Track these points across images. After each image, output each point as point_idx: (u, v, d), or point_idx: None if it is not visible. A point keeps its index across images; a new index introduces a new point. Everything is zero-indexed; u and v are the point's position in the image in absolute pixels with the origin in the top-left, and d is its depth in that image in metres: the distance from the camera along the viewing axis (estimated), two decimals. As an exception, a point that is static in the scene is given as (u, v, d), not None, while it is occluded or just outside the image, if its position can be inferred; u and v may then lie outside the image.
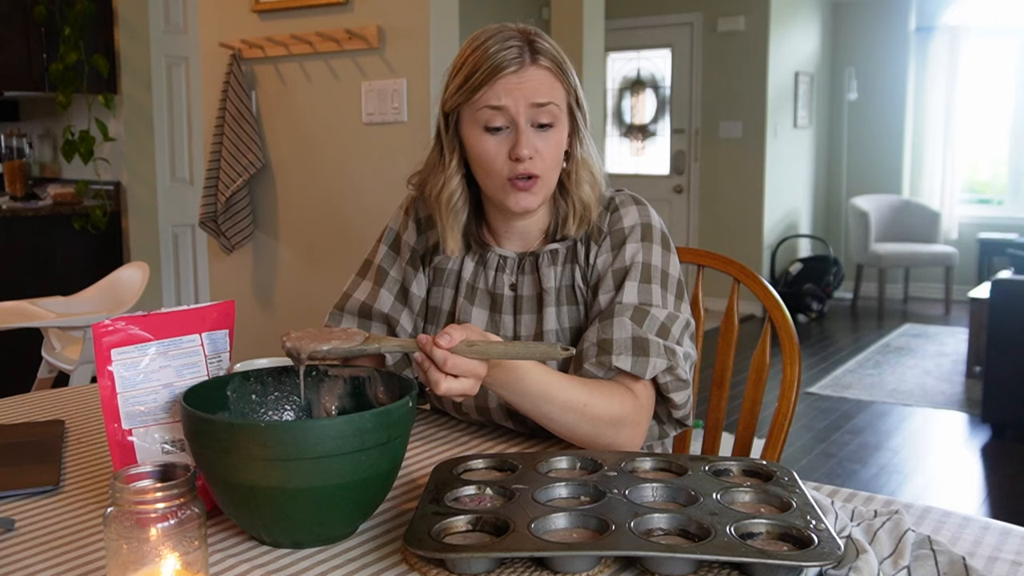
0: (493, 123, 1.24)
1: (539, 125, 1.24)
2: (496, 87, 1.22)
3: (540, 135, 1.25)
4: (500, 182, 1.26)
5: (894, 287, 7.34)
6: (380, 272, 1.41)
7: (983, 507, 3.34)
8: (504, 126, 1.24)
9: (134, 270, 3.35)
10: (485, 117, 1.24)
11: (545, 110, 1.24)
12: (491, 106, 1.23)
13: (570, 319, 1.33)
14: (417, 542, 0.86)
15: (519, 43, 1.24)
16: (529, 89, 1.23)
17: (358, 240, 3.18)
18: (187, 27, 4.58)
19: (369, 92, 3.10)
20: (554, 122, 1.25)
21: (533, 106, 1.23)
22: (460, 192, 1.32)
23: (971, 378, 4.83)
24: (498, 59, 1.22)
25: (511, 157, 1.24)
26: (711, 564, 0.85)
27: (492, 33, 1.25)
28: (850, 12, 7.55)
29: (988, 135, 7.38)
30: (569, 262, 1.34)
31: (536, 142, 1.24)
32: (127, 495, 0.75)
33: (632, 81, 7.38)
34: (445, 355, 1.01)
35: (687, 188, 7.09)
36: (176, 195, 4.68)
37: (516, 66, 1.22)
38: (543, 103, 1.23)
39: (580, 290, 1.33)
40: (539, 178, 1.25)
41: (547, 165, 1.26)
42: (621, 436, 1.21)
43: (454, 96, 1.27)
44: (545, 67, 1.24)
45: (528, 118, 1.23)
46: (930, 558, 0.87)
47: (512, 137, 1.24)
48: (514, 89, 1.22)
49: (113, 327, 1.00)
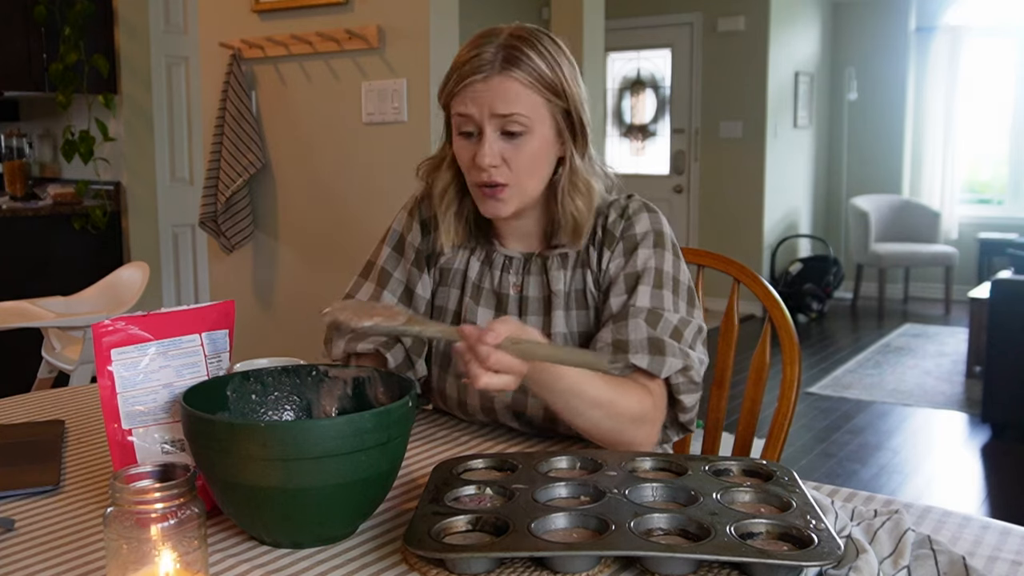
0: (463, 128, 1.25)
1: (508, 133, 1.23)
2: (463, 94, 1.23)
3: (510, 143, 1.24)
4: (472, 186, 1.28)
5: (894, 287, 7.34)
6: (383, 274, 1.41)
7: (983, 507, 3.34)
8: (472, 131, 1.24)
9: (134, 270, 3.35)
10: (457, 122, 1.26)
11: (511, 120, 1.22)
12: (460, 113, 1.24)
13: (579, 323, 1.32)
14: (417, 542, 0.86)
15: (494, 49, 1.22)
16: (492, 98, 1.21)
17: (358, 240, 3.18)
18: (187, 27, 4.58)
19: (369, 92, 3.10)
20: (525, 131, 1.23)
21: (497, 116, 1.22)
22: (452, 185, 1.33)
23: (971, 378, 4.83)
24: (469, 66, 1.22)
25: (475, 162, 1.24)
26: (711, 564, 0.85)
27: (481, 35, 1.25)
28: (850, 12, 7.55)
29: (988, 135, 7.38)
30: (580, 266, 1.33)
31: (504, 150, 1.23)
32: (127, 495, 0.75)
33: (632, 81, 7.38)
34: (489, 351, 1.00)
35: (687, 188, 7.09)
36: (176, 195, 4.68)
37: (483, 74, 1.21)
38: (506, 113, 1.22)
39: (592, 295, 1.32)
40: (507, 186, 1.25)
41: (517, 174, 1.25)
42: (640, 433, 1.21)
43: (442, 96, 1.28)
44: (515, 77, 1.22)
45: (496, 126, 1.23)
46: (930, 558, 0.87)
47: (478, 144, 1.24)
48: (478, 97, 1.22)
49: (113, 327, 1.00)
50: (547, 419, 1.31)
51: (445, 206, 1.34)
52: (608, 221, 1.32)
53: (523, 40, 1.24)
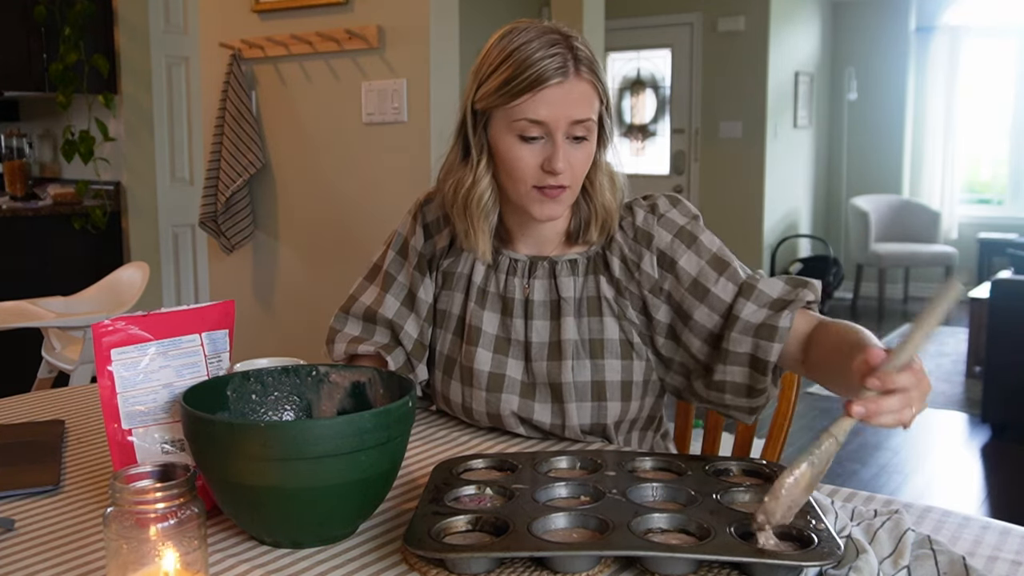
0: (529, 133, 1.20)
1: (574, 138, 1.22)
2: (538, 99, 1.18)
3: (574, 147, 1.22)
4: (526, 189, 1.23)
5: (894, 287, 7.34)
6: (387, 277, 1.40)
7: (983, 507, 3.34)
8: (540, 136, 1.21)
9: (134, 270, 3.35)
10: (521, 127, 1.20)
11: (583, 125, 1.21)
12: (529, 119, 1.19)
13: (591, 330, 1.29)
14: (417, 542, 0.86)
15: (562, 50, 1.19)
16: (571, 104, 1.19)
17: (358, 240, 3.19)
18: (187, 27, 4.57)
19: (369, 92, 3.10)
20: (588, 135, 1.23)
21: (573, 122, 1.20)
22: (490, 193, 1.28)
23: (971, 378, 4.83)
24: (542, 67, 1.17)
25: (544, 168, 1.21)
26: (711, 564, 0.85)
27: (534, 35, 1.20)
28: (850, 12, 7.55)
29: (988, 135, 7.38)
30: (592, 272, 1.31)
31: (570, 155, 1.21)
32: (127, 495, 0.75)
33: (632, 81, 7.38)
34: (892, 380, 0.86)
35: (687, 188, 7.09)
36: (176, 195, 4.68)
37: (560, 77, 1.18)
38: (583, 119, 1.20)
39: (607, 300, 1.30)
40: (568, 188, 1.23)
41: (577, 176, 1.24)
42: None
43: (490, 97, 1.22)
44: (587, 79, 1.20)
45: (568, 131, 1.21)
46: (930, 558, 0.87)
47: (548, 149, 1.21)
48: (557, 103, 1.18)
49: (113, 327, 1.00)
50: (554, 424, 1.31)
51: (483, 214, 1.28)
52: (638, 220, 1.30)
53: (573, 36, 1.22)
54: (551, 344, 1.30)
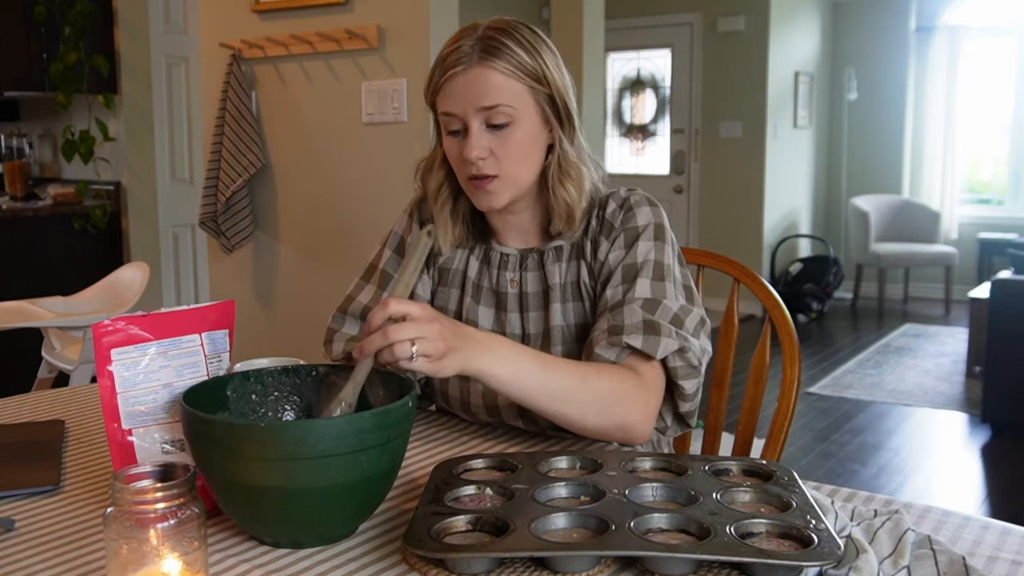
0: (451, 127, 1.26)
1: (494, 125, 1.23)
2: (447, 91, 1.24)
3: (496, 135, 1.24)
4: (464, 181, 1.29)
5: (894, 287, 7.34)
6: (384, 276, 1.41)
7: (983, 507, 3.34)
8: (459, 129, 1.25)
9: (134, 270, 3.35)
10: (444, 121, 1.26)
11: (496, 111, 1.22)
12: (444, 112, 1.25)
13: (575, 315, 1.32)
14: (417, 542, 0.86)
15: (468, 40, 1.23)
16: (475, 92, 1.22)
17: (358, 240, 3.19)
18: (187, 27, 4.57)
19: (369, 92, 3.10)
20: (511, 121, 1.23)
21: (482, 109, 1.22)
22: (444, 184, 1.33)
23: (971, 378, 4.83)
24: (446, 61, 1.23)
25: (463, 158, 1.25)
26: (711, 564, 0.85)
27: (459, 31, 1.26)
28: (850, 12, 7.55)
29: (988, 135, 7.38)
30: (575, 258, 1.33)
31: (491, 142, 1.24)
32: (127, 495, 0.75)
33: (632, 81, 7.38)
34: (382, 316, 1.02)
35: (687, 188, 7.09)
36: (176, 195, 4.68)
37: (462, 66, 1.22)
38: (490, 105, 1.22)
39: (586, 286, 1.32)
40: (497, 177, 1.25)
41: (507, 164, 1.25)
42: (631, 415, 1.19)
43: (426, 94, 1.29)
44: (494, 67, 1.21)
45: (481, 119, 1.23)
46: (930, 558, 0.87)
47: (465, 140, 1.25)
48: (459, 93, 1.22)
49: (113, 327, 1.00)
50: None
51: (440, 206, 1.34)
52: (607, 211, 1.32)
53: (500, 31, 1.24)
54: (544, 332, 1.33)
